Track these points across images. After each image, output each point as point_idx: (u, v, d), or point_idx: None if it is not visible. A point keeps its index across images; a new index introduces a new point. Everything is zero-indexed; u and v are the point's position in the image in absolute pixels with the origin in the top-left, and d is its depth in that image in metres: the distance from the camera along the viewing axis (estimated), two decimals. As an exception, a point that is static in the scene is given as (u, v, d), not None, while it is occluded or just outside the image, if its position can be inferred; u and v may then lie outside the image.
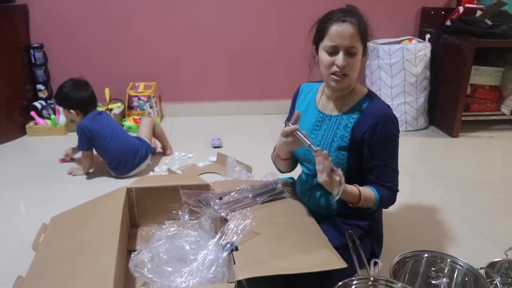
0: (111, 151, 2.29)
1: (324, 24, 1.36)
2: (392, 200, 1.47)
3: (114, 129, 2.33)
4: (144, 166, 2.40)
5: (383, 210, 1.62)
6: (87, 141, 2.26)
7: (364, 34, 1.34)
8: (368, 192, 1.39)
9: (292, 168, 1.67)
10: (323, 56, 1.37)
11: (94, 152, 2.35)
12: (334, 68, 1.35)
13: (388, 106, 1.44)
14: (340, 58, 1.33)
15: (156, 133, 2.59)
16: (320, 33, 1.38)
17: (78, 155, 2.46)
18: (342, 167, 1.42)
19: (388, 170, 1.42)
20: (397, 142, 1.43)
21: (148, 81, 3.26)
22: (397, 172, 1.45)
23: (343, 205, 1.48)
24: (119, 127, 2.42)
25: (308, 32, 1.42)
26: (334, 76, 1.36)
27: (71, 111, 2.31)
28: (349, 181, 1.45)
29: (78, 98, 2.27)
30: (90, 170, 2.38)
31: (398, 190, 1.46)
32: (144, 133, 2.50)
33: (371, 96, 1.45)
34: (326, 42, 1.35)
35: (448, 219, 1.98)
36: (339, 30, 1.32)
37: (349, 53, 1.33)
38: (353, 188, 1.37)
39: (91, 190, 2.08)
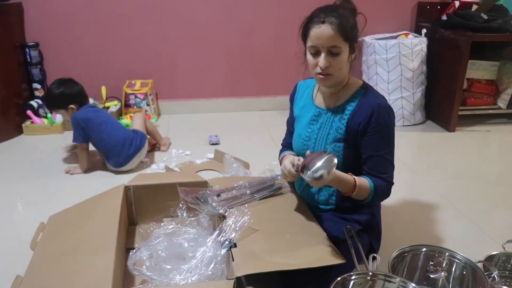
0: (105, 140, 2.31)
1: (306, 25, 1.38)
2: (387, 192, 1.46)
3: (108, 120, 2.38)
4: (141, 157, 2.41)
5: (382, 204, 1.62)
6: (82, 132, 2.28)
7: (346, 33, 1.33)
8: (363, 181, 1.38)
9: None
10: (308, 56, 1.40)
11: (91, 148, 2.36)
12: (318, 69, 1.37)
13: (383, 97, 1.45)
14: (321, 59, 1.34)
15: (148, 129, 2.59)
16: (304, 34, 1.40)
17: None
18: (338, 159, 1.43)
19: (382, 161, 1.41)
20: (392, 134, 1.43)
21: (144, 79, 3.25)
22: (392, 165, 1.44)
23: (342, 200, 1.49)
24: (113, 119, 2.47)
25: (298, 30, 1.43)
26: (320, 76, 1.38)
27: (71, 106, 2.34)
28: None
29: (73, 92, 2.33)
30: (87, 167, 2.38)
31: (393, 182, 1.45)
32: (137, 126, 2.51)
33: (366, 88, 1.46)
34: (308, 43, 1.37)
35: (445, 213, 1.98)
36: (317, 32, 1.32)
37: (332, 53, 1.34)
38: (348, 177, 1.36)
39: (89, 189, 2.08)
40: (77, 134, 2.29)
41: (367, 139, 1.40)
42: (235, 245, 1.28)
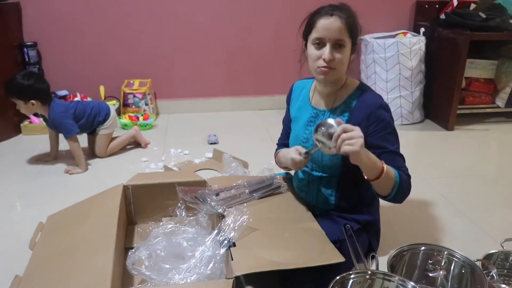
0: (90, 104, 2.49)
1: (312, 18, 1.37)
2: (409, 186, 1.39)
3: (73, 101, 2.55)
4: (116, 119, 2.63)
5: (380, 203, 1.62)
6: (72, 121, 2.36)
7: (352, 29, 1.34)
8: (389, 168, 1.31)
9: None
10: (311, 49, 1.38)
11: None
12: (321, 62, 1.35)
13: (379, 96, 1.45)
14: (326, 51, 1.33)
15: (121, 142, 2.66)
16: (308, 27, 1.39)
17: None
18: (337, 160, 1.43)
19: (395, 156, 1.39)
20: (394, 129, 1.41)
21: (143, 78, 3.25)
22: (403, 159, 1.42)
23: (341, 200, 1.49)
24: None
25: (299, 27, 1.43)
26: (322, 69, 1.37)
27: (32, 101, 2.28)
28: (345, 176, 1.46)
29: (41, 88, 2.29)
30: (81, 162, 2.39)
31: (410, 176, 1.40)
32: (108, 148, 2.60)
33: (362, 88, 1.46)
34: (313, 35, 1.36)
35: (444, 212, 1.99)
36: (326, 23, 1.32)
37: (336, 47, 1.34)
38: (376, 159, 1.28)
39: (87, 189, 2.07)
40: (70, 126, 2.34)
41: (372, 139, 1.38)
42: (234, 245, 1.28)
